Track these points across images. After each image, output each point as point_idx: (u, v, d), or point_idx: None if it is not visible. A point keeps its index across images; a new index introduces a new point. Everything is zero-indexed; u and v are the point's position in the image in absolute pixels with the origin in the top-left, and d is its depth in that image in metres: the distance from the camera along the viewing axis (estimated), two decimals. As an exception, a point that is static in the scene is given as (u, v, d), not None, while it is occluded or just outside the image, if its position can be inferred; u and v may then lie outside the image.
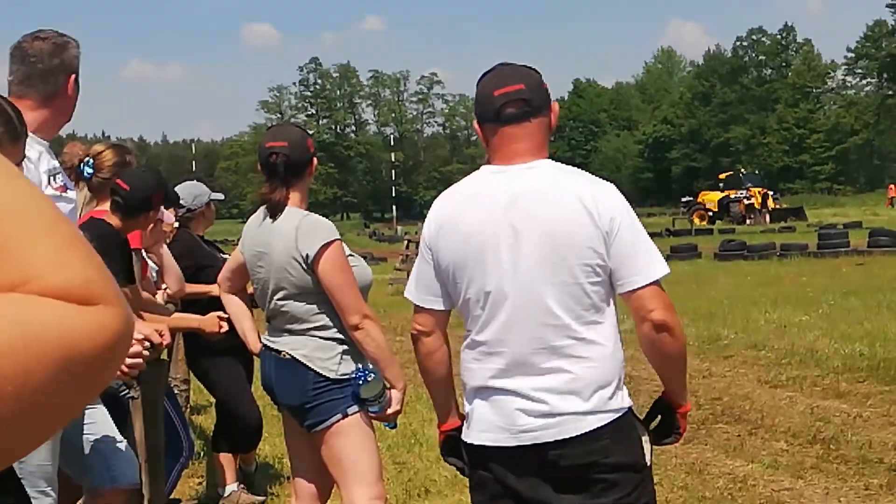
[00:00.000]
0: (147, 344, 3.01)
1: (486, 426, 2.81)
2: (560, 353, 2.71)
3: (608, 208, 2.70)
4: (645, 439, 2.85)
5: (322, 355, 3.87)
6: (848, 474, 6.21)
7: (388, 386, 3.91)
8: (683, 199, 61.19)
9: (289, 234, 3.85)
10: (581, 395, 2.70)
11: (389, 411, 3.95)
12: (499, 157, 2.83)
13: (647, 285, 2.69)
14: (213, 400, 7.16)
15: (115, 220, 4.56)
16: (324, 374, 3.85)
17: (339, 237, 3.89)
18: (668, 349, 2.75)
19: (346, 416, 3.87)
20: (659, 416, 2.97)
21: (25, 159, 3.44)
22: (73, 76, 3.64)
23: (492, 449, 2.80)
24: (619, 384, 2.78)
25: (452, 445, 3.00)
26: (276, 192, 3.92)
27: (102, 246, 3.85)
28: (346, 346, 3.89)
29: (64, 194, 3.63)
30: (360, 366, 3.86)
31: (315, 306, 3.88)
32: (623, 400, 2.79)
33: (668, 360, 2.81)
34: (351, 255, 4.02)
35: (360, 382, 3.84)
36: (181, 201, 5.69)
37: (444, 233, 2.85)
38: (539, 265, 2.69)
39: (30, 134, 3.50)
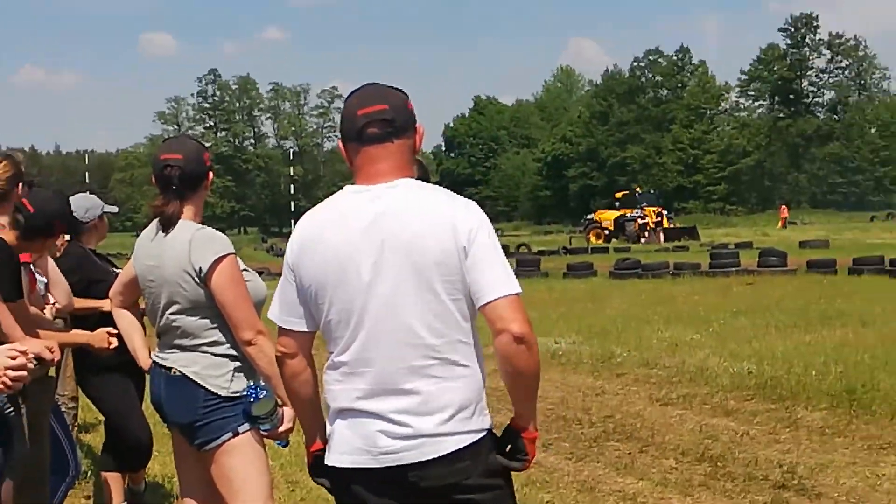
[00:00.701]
0: (33, 359, 2.94)
1: (347, 448, 2.80)
2: (421, 373, 2.70)
3: (467, 224, 2.70)
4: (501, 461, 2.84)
5: (213, 372, 3.83)
6: (734, 491, 6.35)
7: (280, 403, 3.85)
8: (587, 217, 61.78)
9: (181, 247, 3.81)
10: (442, 416, 2.70)
11: (281, 429, 3.90)
12: (362, 177, 2.83)
13: (506, 296, 2.68)
14: (101, 418, 7.02)
15: (9, 237, 4.46)
16: (215, 391, 3.81)
17: (233, 251, 3.86)
18: (522, 365, 2.70)
19: (236, 434, 3.83)
20: (508, 444, 2.89)
21: None
22: None
23: (352, 470, 2.78)
24: (479, 405, 2.77)
25: (321, 465, 2.96)
26: (170, 206, 3.87)
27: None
28: (238, 363, 3.85)
29: None
30: (251, 383, 3.83)
31: (208, 321, 3.84)
32: (484, 421, 2.78)
33: (521, 376, 2.74)
34: (245, 269, 3.97)
35: (252, 400, 3.80)
36: (73, 214, 5.58)
37: (305, 253, 2.83)
38: (400, 283, 2.69)
39: None
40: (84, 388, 6.20)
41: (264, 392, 3.81)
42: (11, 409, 4.22)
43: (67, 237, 5.96)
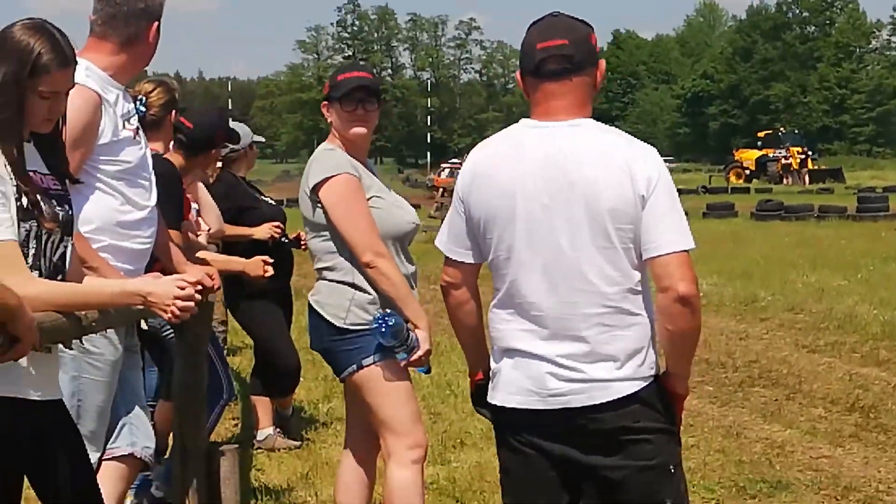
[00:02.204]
0: (200, 288, 2.97)
1: (514, 388, 2.78)
2: (594, 321, 2.67)
3: (646, 172, 2.64)
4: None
5: (331, 301, 3.78)
6: (888, 444, 6.14)
7: (411, 328, 3.74)
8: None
9: (307, 167, 3.85)
10: (613, 362, 2.67)
11: (419, 353, 3.77)
12: (538, 113, 2.77)
13: (675, 252, 2.63)
14: (249, 342, 7.17)
15: (177, 159, 4.56)
16: (332, 321, 3.75)
17: (347, 172, 3.76)
18: (684, 325, 2.67)
19: (360, 367, 3.76)
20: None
21: (104, 103, 3.42)
22: (157, 23, 3.59)
23: (520, 411, 2.77)
24: (649, 351, 2.74)
25: (483, 395, 2.95)
26: None
27: (165, 186, 3.85)
28: (357, 293, 3.75)
29: (137, 137, 3.61)
30: (378, 314, 3.69)
31: (329, 244, 3.80)
32: (653, 367, 2.75)
33: (681, 337, 2.71)
34: (378, 196, 3.87)
35: (383, 330, 3.67)
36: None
37: (477, 185, 2.80)
38: (574, 228, 2.65)
39: (106, 76, 3.47)
40: (234, 312, 6.32)
41: (392, 320, 3.66)
42: (171, 332, 4.33)
43: (220, 164, 6.05)
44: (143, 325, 3.90)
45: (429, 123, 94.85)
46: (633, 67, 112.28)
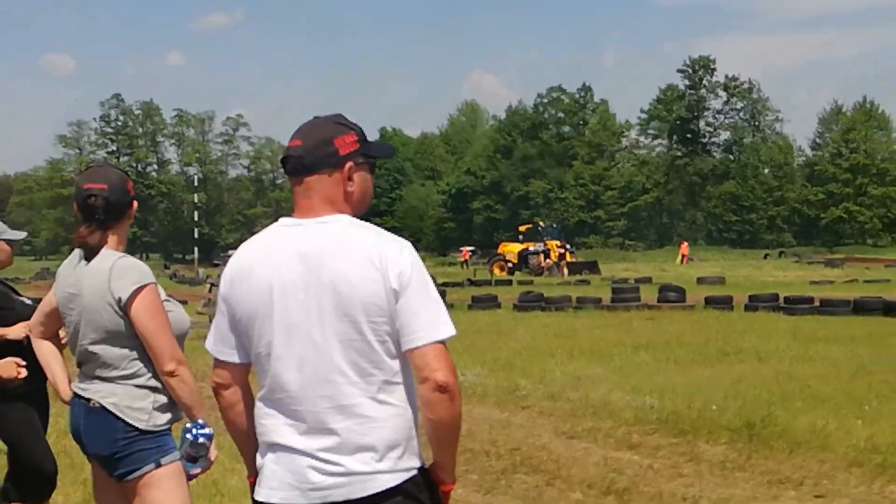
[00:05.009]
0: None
1: (276, 483, 2.78)
2: (349, 411, 2.70)
3: (397, 266, 2.71)
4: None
5: (133, 404, 3.79)
6: (639, 524, 6.45)
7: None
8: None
9: (101, 275, 3.78)
10: (371, 453, 2.70)
11: (210, 465, 3.98)
12: (295, 209, 2.88)
13: (431, 344, 2.70)
14: (3, 447, 6.83)
15: None
16: (134, 424, 3.77)
17: (153, 281, 3.84)
18: (444, 414, 2.72)
19: (158, 465, 3.81)
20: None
21: None
22: None
23: None
24: (410, 443, 2.77)
25: None
26: (94, 235, 3.85)
27: None
28: (158, 395, 3.83)
29: None
30: (191, 424, 3.80)
31: (128, 351, 3.81)
32: (414, 459, 2.78)
33: (442, 425, 2.75)
34: (167, 299, 3.95)
35: (200, 441, 3.79)
36: None
37: (236, 285, 2.85)
38: (325, 322, 2.71)
39: None
40: (-15, 416, 6.03)
41: (206, 432, 3.81)
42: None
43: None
44: None
45: (196, 218, 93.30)
46: (399, 164, 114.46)
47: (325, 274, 2.72)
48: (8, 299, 5.91)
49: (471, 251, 72.64)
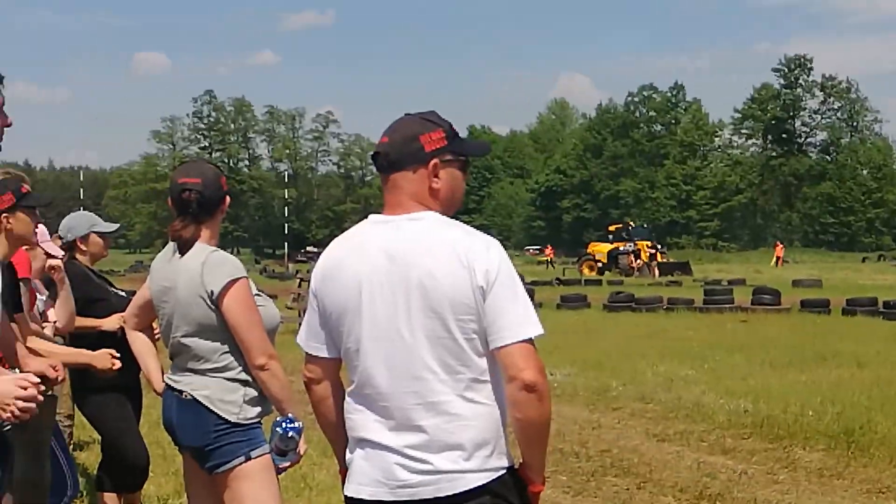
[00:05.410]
0: (42, 388, 2.87)
1: (365, 479, 2.78)
2: (438, 409, 2.68)
3: (484, 264, 2.67)
4: None
5: (224, 397, 3.81)
6: (734, 531, 6.28)
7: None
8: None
9: (194, 269, 3.81)
10: (459, 451, 2.67)
11: (299, 458, 3.97)
12: (384, 206, 2.87)
13: (518, 342, 2.65)
14: (96, 436, 6.93)
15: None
16: (225, 416, 3.78)
17: (245, 275, 3.86)
18: (532, 414, 2.67)
19: (248, 459, 3.82)
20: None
21: None
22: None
23: (370, 502, 2.77)
24: (498, 442, 2.73)
25: None
26: (187, 229, 3.87)
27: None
28: (249, 389, 3.84)
29: None
30: (282, 418, 3.82)
31: (219, 344, 3.83)
32: (503, 459, 2.74)
33: (531, 425, 2.70)
34: (258, 294, 3.97)
35: (290, 436, 3.81)
36: (59, 232, 5.57)
37: (326, 281, 2.85)
38: (413, 319, 2.68)
39: None
40: (81, 406, 6.11)
41: (297, 426, 3.82)
42: (9, 425, 4.16)
43: (65, 255, 5.88)
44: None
45: (286, 214, 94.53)
46: (488, 161, 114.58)
47: (412, 270, 2.69)
48: (103, 291, 5.99)
49: (536, 250, 72.50)
